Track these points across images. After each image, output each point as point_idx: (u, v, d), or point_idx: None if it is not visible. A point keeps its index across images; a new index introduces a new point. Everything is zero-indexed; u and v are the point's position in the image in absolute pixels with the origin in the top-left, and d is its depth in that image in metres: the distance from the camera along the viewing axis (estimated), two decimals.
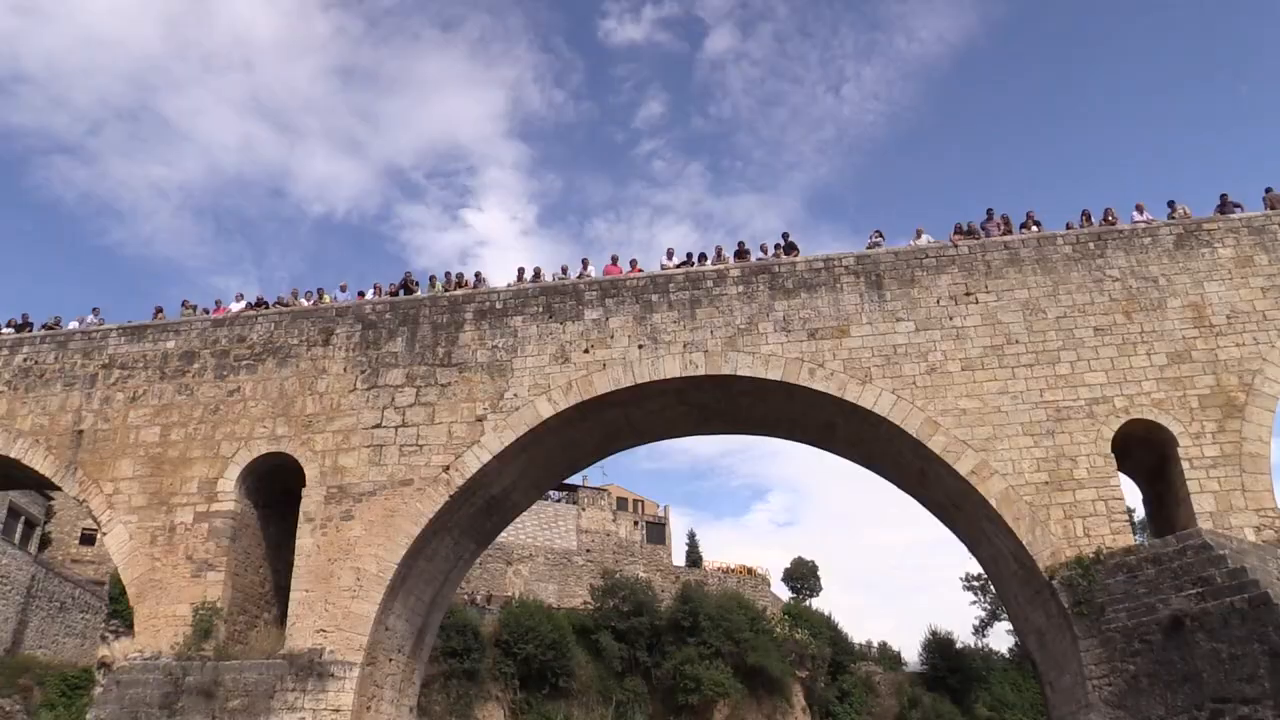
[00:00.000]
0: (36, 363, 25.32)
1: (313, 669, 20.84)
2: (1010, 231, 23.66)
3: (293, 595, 22.00)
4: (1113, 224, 23.47)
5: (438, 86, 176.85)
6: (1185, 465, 20.26)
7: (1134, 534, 20.95)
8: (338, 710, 20.60)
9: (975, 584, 68.76)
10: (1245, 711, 16.07)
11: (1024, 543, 20.27)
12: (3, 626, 38.39)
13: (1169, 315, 21.79)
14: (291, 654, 21.10)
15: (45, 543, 46.53)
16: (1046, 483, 20.61)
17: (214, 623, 21.65)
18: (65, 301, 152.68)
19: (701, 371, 22.67)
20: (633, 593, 55.03)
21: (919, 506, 24.92)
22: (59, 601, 42.33)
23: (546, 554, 65.30)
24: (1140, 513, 25.85)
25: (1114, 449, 20.77)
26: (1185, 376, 21.07)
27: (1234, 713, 16.19)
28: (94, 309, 26.87)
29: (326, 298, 26.34)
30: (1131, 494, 22.89)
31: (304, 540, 22.37)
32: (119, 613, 26.12)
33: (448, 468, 22.51)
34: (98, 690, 21.68)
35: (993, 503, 20.64)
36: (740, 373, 22.51)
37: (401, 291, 25.67)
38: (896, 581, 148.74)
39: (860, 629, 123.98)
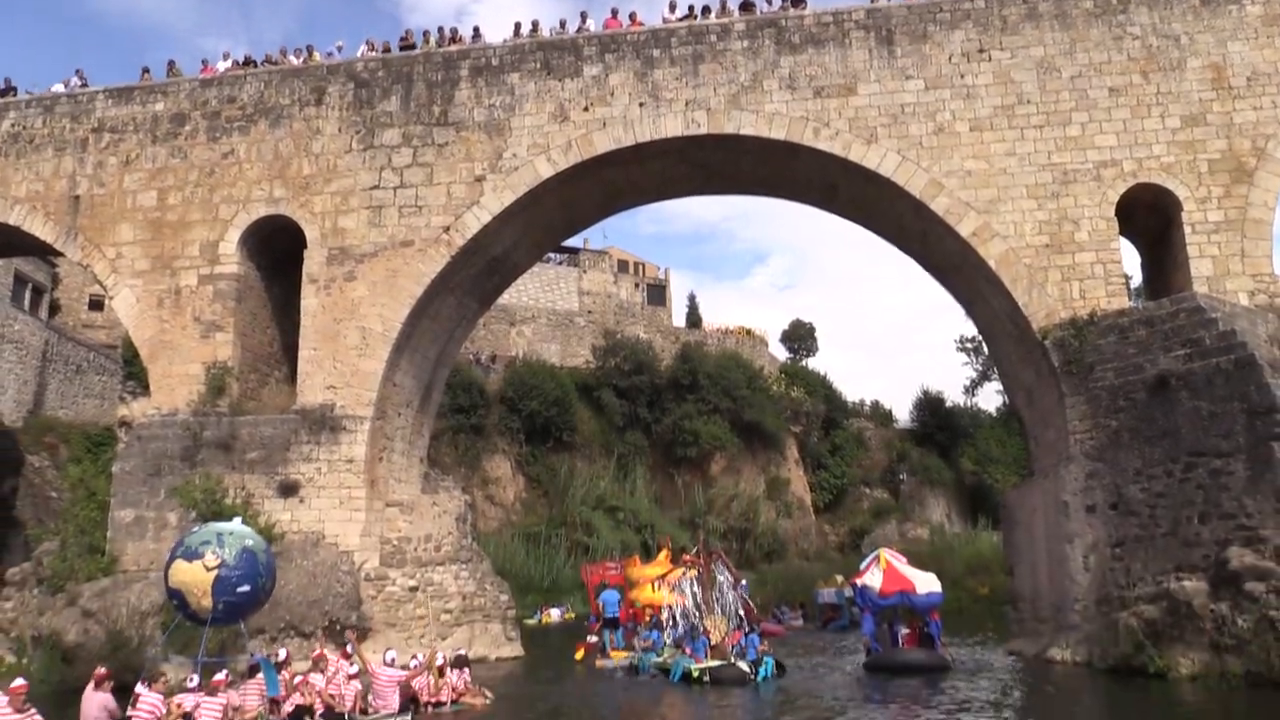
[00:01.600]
0: (25, 129, 24.80)
1: (325, 423, 21.70)
2: None
3: (301, 354, 22.57)
4: None
5: None
6: (1188, 230, 20.23)
7: (1130, 299, 21.20)
8: (351, 460, 21.61)
9: (969, 345, 70.27)
10: (1218, 465, 16.84)
11: (1020, 304, 20.57)
12: (23, 389, 39.48)
13: (1187, 76, 21.10)
14: (304, 409, 21.91)
15: (54, 309, 47.02)
16: (1047, 245, 20.66)
17: (226, 381, 22.31)
18: (49, 70, 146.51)
19: (704, 131, 22.21)
20: (633, 352, 56.41)
21: (918, 270, 25.11)
22: (75, 365, 43.30)
23: (549, 315, 66.38)
24: (1138, 280, 26.04)
25: (1117, 213, 20.69)
26: (1197, 140, 20.66)
27: (1207, 465, 16.98)
28: (77, 70, 26.02)
29: (316, 56, 25.37)
30: (1131, 262, 23.01)
31: (309, 300, 22.71)
32: (134, 374, 26.83)
33: (448, 228, 22.50)
34: (120, 445, 22.65)
35: (991, 264, 20.77)
36: (744, 132, 22.06)
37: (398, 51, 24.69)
38: (892, 344, 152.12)
39: (854, 389, 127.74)
